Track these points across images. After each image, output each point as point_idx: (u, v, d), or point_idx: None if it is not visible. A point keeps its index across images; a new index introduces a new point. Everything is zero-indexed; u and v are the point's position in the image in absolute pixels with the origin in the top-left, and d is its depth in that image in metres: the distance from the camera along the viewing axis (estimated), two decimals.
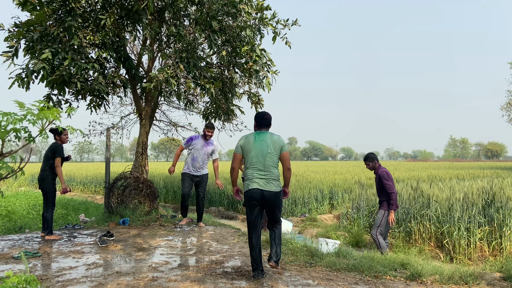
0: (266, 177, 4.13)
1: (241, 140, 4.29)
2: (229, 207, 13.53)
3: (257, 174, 4.13)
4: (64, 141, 6.46)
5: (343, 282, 4.06)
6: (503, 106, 33.80)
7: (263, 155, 4.15)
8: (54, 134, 6.41)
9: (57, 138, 6.40)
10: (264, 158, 4.14)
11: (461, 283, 4.08)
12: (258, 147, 4.17)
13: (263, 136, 4.24)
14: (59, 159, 6.26)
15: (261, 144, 4.18)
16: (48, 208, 6.28)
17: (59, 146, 6.33)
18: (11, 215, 8.73)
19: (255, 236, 4.15)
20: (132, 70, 8.21)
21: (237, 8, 7.78)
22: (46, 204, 6.29)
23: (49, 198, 6.27)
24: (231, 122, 10.09)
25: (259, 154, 4.15)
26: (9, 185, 17.22)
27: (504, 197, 7.77)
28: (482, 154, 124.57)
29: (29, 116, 1.95)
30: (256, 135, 4.27)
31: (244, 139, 4.29)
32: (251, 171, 4.17)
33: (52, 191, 6.31)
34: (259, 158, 4.15)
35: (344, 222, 9.63)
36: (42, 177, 6.30)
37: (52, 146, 6.35)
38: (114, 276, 4.11)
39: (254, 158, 4.16)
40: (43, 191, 6.31)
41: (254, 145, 4.19)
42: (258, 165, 4.14)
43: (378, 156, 6.53)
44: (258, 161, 4.14)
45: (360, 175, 17.56)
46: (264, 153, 4.15)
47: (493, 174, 19.73)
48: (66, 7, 6.87)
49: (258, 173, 4.13)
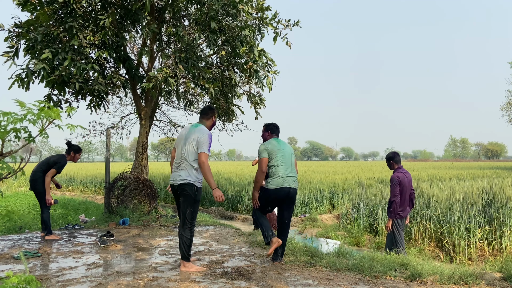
0: (292, 175, 4.72)
1: (266, 146, 4.77)
2: (229, 207, 13.53)
3: (288, 172, 4.67)
4: (75, 160, 6.40)
5: (343, 282, 4.06)
6: (503, 106, 33.85)
7: (289, 157, 4.76)
8: (70, 148, 6.34)
9: (71, 154, 6.32)
10: (290, 161, 4.76)
11: (461, 283, 4.08)
12: (283, 150, 4.75)
13: (284, 142, 4.91)
14: (54, 171, 6.12)
15: (286, 146, 4.84)
16: (44, 208, 6.24)
17: (63, 161, 6.23)
18: (11, 215, 8.72)
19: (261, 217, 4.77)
20: (132, 70, 8.21)
21: (237, 8, 7.78)
22: (41, 205, 6.24)
23: (43, 199, 6.20)
24: (231, 122, 10.09)
25: (285, 156, 4.73)
26: (9, 185, 17.22)
27: (504, 197, 7.77)
28: (482, 154, 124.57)
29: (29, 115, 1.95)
30: (277, 141, 4.85)
31: (269, 145, 4.79)
32: (283, 168, 4.65)
33: (44, 191, 6.22)
34: (286, 160, 4.71)
35: (344, 222, 9.63)
36: (34, 178, 6.18)
37: (59, 157, 6.26)
38: (114, 276, 4.11)
39: (284, 157, 4.70)
40: (35, 192, 6.21)
41: (281, 148, 4.74)
42: (286, 166, 4.68)
43: (378, 156, 6.40)
44: (286, 162, 4.70)
45: (360, 175, 17.56)
46: (290, 155, 4.79)
47: (493, 174, 19.73)
48: (67, 8, 6.88)
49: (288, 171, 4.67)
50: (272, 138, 4.95)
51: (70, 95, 7.82)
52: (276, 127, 5.04)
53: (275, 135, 4.99)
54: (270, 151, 4.75)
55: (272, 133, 5.00)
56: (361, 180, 14.46)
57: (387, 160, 6.02)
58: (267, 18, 8.33)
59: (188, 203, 4.27)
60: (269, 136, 4.99)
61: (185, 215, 4.27)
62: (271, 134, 4.99)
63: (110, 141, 8.69)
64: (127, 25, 7.91)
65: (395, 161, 5.89)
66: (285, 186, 4.61)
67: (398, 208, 5.64)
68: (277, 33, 8.37)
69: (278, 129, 5.04)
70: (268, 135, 5.00)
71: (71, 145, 6.35)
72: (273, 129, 5.02)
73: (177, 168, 4.37)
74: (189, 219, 4.28)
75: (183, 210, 4.30)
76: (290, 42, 8.47)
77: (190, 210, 4.28)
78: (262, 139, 5.08)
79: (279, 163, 4.67)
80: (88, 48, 7.01)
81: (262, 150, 4.79)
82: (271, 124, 5.07)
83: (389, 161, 5.97)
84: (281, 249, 4.77)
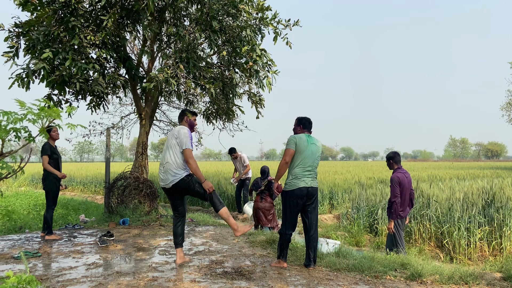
0: (312, 175, 4.59)
1: (296, 139, 4.59)
2: (229, 207, 13.52)
3: (307, 173, 4.54)
4: (55, 138, 6.48)
5: (343, 282, 4.06)
6: (503, 106, 33.86)
7: (313, 157, 4.59)
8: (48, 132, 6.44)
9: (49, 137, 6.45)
10: (313, 160, 4.60)
11: (461, 283, 4.08)
12: (310, 150, 4.58)
13: (314, 140, 4.69)
14: (46, 157, 6.27)
15: (312, 147, 4.61)
16: (48, 207, 6.30)
17: (44, 145, 6.39)
18: (11, 215, 8.72)
19: (289, 235, 4.59)
20: (132, 70, 8.21)
21: (237, 8, 7.78)
22: (47, 204, 6.32)
23: (49, 198, 6.29)
24: (232, 122, 10.09)
25: (310, 155, 4.57)
26: (9, 185, 17.22)
27: (504, 197, 7.78)
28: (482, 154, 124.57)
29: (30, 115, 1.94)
30: (308, 138, 4.64)
31: (298, 139, 4.59)
32: (301, 170, 4.52)
33: (52, 190, 6.32)
34: (310, 160, 4.56)
35: (344, 222, 9.63)
36: (44, 177, 6.37)
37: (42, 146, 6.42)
38: (114, 276, 4.11)
39: (306, 159, 4.54)
40: (44, 190, 6.37)
41: (308, 147, 4.57)
42: (308, 166, 4.55)
43: (378, 156, 6.39)
44: (309, 162, 4.55)
45: (360, 175, 17.56)
46: (315, 156, 4.62)
47: (493, 174, 19.73)
48: (69, 7, 6.88)
49: (307, 173, 4.54)
50: (303, 133, 4.70)
51: (70, 95, 7.82)
52: (309, 122, 4.77)
53: (307, 130, 4.73)
54: (297, 146, 4.55)
55: (304, 128, 4.74)
56: (361, 180, 14.46)
57: (387, 160, 6.01)
58: (267, 18, 8.33)
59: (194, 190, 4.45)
60: (300, 131, 4.74)
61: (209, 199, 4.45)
62: (302, 129, 4.73)
63: (110, 141, 8.68)
64: (128, 25, 7.90)
65: (395, 161, 5.87)
66: (302, 186, 4.46)
67: (399, 208, 5.63)
68: (277, 33, 8.36)
69: (311, 124, 4.78)
70: (300, 129, 4.75)
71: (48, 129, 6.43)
72: (306, 123, 4.76)
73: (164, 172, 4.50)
74: (216, 199, 4.47)
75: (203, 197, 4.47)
76: (290, 42, 8.48)
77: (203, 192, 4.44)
78: (293, 132, 4.85)
79: (298, 163, 4.52)
80: (88, 48, 7.00)
81: (290, 141, 4.60)
82: (304, 118, 4.80)
83: (389, 160, 5.95)
84: (313, 254, 4.63)
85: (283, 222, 4.60)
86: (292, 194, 4.48)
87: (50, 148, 6.34)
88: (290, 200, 4.51)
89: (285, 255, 4.61)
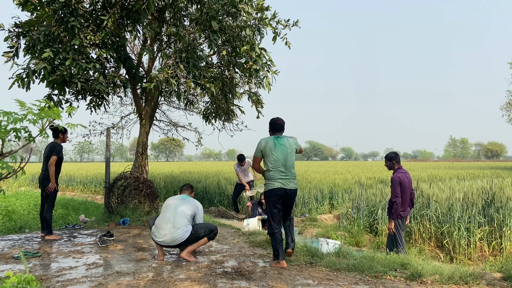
0: (287, 177, 4.62)
1: (261, 144, 4.68)
2: (229, 207, 13.52)
3: (282, 174, 4.60)
4: (65, 141, 6.48)
5: (343, 282, 4.06)
6: (503, 106, 33.85)
7: (285, 158, 4.62)
8: (55, 133, 6.40)
9: (60, 137, 6.41)
10: (286, 161, 4.62)
11: (461, 283, 4.08)
12: (280, 151, 4.61)
13: (282, 141, 4.67)
14: (55, 157, 6.24)
15: (281, 148, 4.63)
16: (48, 208, 6.29)
17: (58, 145, 6.34)
18: (11, 215, 8.72)
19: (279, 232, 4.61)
20: (132, 70, 8.21)
21: (237, 8, 7.78)
22: (47, 204, 6.30)
23: (49, 198, 6.29)
24: (231, 122, 10.09)
25: (281, 157, 4.61)
26: (9, 185, 17.22)
27: (504, 197, 7.77)
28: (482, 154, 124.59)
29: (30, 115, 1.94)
30: (275, 140, 4.66)
31: (264, 143, 4.67)
32: (273, 173, 4.61)
33: (53, 191, 6.31)
34: (281, 161, 4.60)
35: (344, 222, 9.62)
36: (44, 177, 6.33)
37: (51, 144, 6.36)
38: (114, 276, 4.11)
39: (276, 161, 4.60)
40: (44, 190, 6.33)
41: (275, 149, 4.61)
42: (280, 166, 4.60)
43: (377, 156, 6.38)
44: (280, 163, 4.60)
45: (360, 175, 17.55)
46: (286, 156, 4.62)
47: (493, 174, 19.72)
48: (69, 7, 6.88)
49: (280, 174, 4.59)
50: (273, 135, 4.74)
51: (70, 95, 7.82)
52: (275, 123, 4.76)
53: (277, 132, 4.75)
54: (263, 151, 4.67)
55: (273, 130, 4.77)
56: (361, 180, 14.45)
57: (388, 159, 6.00)
58: (266, 18, 8.33)
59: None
60: (271, 133, 4.79)
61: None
62: (273, 132, 4.78)
63: (110, 141, 8.68)
64: (128, 25, 7.90)
65: (397, 161, 5.89)
66: (278, 187, 4.57)
67: (399, 208, 5.63)
68: (277, 33, 8.37)
69: (279, 125, 4.75)
70: (271, 132, 4.80)
71: (55, 129, 6.38)
72: (273, 125, 4.78)
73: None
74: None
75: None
76: (289, 42, 8.48)
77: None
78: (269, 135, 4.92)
79: (270, 167, 4.62)
80: (88, 48, 7.01)
81: (257, 150, 4.74)
82: (272, 120, 4.82)
83: (390, 160, 5.95)
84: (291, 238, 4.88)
85: (269, 222, 4.67)
86: (270, 193, 4.61)
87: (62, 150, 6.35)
88: (269, 199, 4.64)
89: (282, 254, 4.61)
